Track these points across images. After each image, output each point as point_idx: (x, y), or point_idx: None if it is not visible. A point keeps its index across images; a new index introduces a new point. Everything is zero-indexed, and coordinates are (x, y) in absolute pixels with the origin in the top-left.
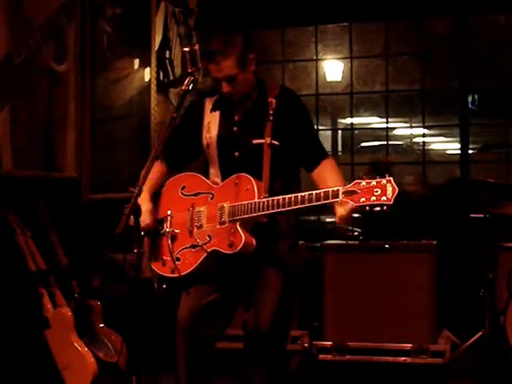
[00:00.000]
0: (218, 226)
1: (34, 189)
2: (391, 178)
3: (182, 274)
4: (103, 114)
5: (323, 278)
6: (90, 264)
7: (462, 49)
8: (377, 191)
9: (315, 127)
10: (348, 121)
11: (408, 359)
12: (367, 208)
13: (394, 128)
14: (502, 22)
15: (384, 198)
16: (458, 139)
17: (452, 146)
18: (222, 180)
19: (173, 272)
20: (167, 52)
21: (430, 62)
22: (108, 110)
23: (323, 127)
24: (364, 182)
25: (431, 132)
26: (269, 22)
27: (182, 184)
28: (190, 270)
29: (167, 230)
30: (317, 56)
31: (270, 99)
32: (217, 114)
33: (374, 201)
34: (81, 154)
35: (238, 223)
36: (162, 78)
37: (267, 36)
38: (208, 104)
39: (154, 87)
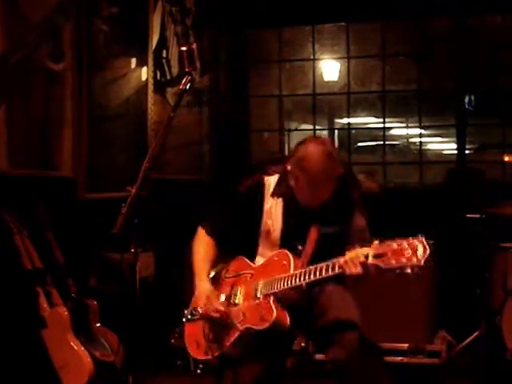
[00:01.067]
0: (252, 303)
1: (31, 188)
2: (423, 238)
3: (215, 355)
4: (100, 113)
5: None
6: (86, 263)
7: (459, 49)
8: (408, 252)
9: (312, 127)
10: (345, 121)
11: (404, 359)
12: (397, 271)
13: (391, 128)
14: (499, 22)
15: (414, 259)
16: (454, 139)
17: (449, 146)
18: None
19: (206, 354)
20: (164, 51)
21: (426, 62)
22: (105, 110)
23: (320, 127)
24: (395, 245)
25: (428, 132)
26: (266, 22)
27: (225, 268)
28: (224, 349)
29: (203, 313)
30: (314, 56)
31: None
32: (279, 200)
33: (403, 262)
34: (78, 153)
35: (271, 298)
36: (158, 77)
37: (264, 35)
38: (267, 185)
39: (150, 86)
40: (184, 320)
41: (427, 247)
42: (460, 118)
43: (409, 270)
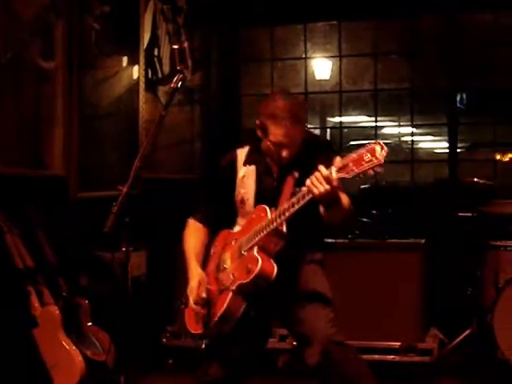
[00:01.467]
0: (238, 261)
1: (22, 187)
2: (379, 141)
3: (213, 322)
4: (91, 111)
5: None
6: (77, 262)
7: (451, 48)
8: (367, 156)
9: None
10: (337, 119)
11: (396, 357)
12: (361, 175)
13: (383, 127)
14: (491, 20)
15: (374, 159)
16: (446, 138)
17: (440, 145)
18: None
19: (206, 325)
20: (156, 50)
21: (418, 60)
22: (96, 108)
23: (312, 126)
24: (354, 155)
25: (420, 131)
26: (258, 20)
27: (212, 244)
28: (220, 313)
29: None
30: (306, 54)
31: (303, 152)
32: (252, 167)
33: (365, 166)
34: (68, 152)
35: (254, 249)
36: (150, 75)
37: (256, 34)
38: (240, 155)
39: (142, 85)
40: (183, 306)
41: (384, 146)
42: (452, 117)
43: (371, 172)
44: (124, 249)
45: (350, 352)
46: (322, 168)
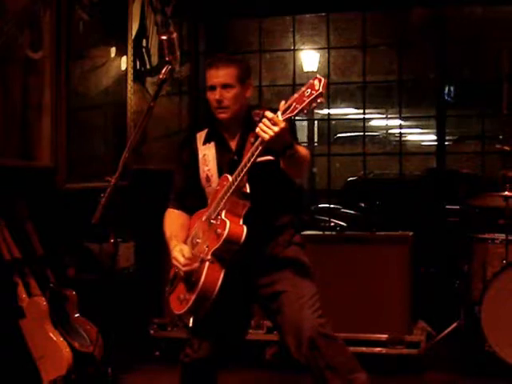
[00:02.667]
0: (208, 231)
1: (9, 178)
2: (317, 75)
3: (194, 295)
4: (79, 102)
5: None
6: (65, 253)
7: (439, 40)
8: (307, 92)
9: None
10: (325, 111)
11: (383, 350)
12: (305, 111)
13: (371, 119)
14: (479, 13)
15: (314, 91)
16: (434, 130)
17: (428, 138)
18: None
19: (187, 302)
20: (144, 40)
21: (406, 53)
22: (84, 99)
23: (299, 118)
24: (296, 94)
25: (408, 123)
26: (246, 12)
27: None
28: (200, 284)
29: (176, 270)
30: (294, 46)
31: (257, 120)
32: (211, 145)
33: (307, 101)
34: (56, 143)
35: (222, 214)
36: (138, 66)
37: (244, 25)
38: (199, 138)
39: (130, 76)
40: (167, 295)
41: (322, 79)
42: (440, 110)
43: (314, 104)
44: (112, 240)
45: (339, 344)
46: (267, 113)
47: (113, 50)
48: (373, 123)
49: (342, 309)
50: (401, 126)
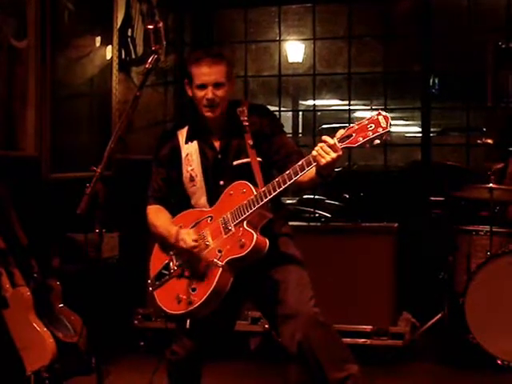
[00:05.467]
0: (224, 237)
1: None
2: (380, 111)
3: (203, 298)
4: (64, 91)
5: None
6: (50, 244)
7: (425, 32)
8: (371, 126)
9: (277, 109)
10: (310, 102)
11: (368, 341)
12: (367, 145)
13: (356, 110)
14: (465, 5)
15: (380, 129)
16: (419, 122)
17: (413, 129)
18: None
19: (190, 304)
20: (129, 30)
21: (392, 44)
22: (69, 88)
23: (285, 108)
24: (356, 126)
25: (393, 115)
26: (232, 2)
27: (178, 226)
28: (210, 289)
29: (174, 268)
30: (280, 37)
31: (243, 119)
32: (194, 143)
33: (371, 136)
34: (41, 133)
35: (244, 223)
36: (123, 56)
37: (230, 15)
38: (181, 135)
39: (115, 65)
40: (151, 289)
41: (387, 115)
42: (425, 101)
43: (378, 141)
44: (97, 230)
45: (333, 334)
46: (327, 138)
47: (98, 40)
48: (358, 114)
49: (327, 300)
50: None
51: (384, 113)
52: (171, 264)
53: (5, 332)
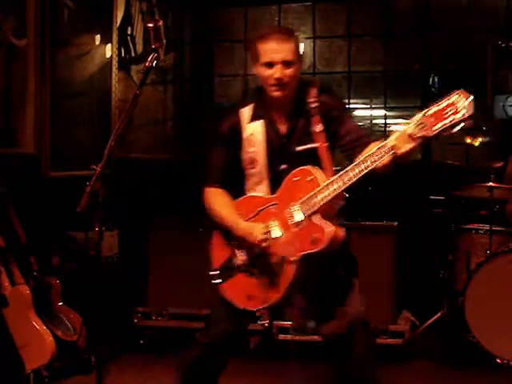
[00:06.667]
0: (295, 230)
1: None
2: (459, 90)
3: (280, 296)
4: (64, 89)
5: None
6: (49, 242)
7: (425, 31)
8: (448, 112)
9: None
10: None
11: None
12: (450, 131)
13: (356, 109)
14: (465, 4)
15: (458, 115)
16: None
17: None
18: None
19: (266, 301)
20: (129, 28)
21: (392, 43)
22: (68, 86)
23: None
24: (430, 111)
25: (392, 113)
26: (232, 0)
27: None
28: (286, 287)
29: (240, 262)
30: None
31: (311, 101)
32: (259, 124)
33: (449, 122)
34: (40, 130)
35: (317, 216)
36: (123, 54)
37: (230, 14)
38: (243, 114)
39: (115, 64)
40: (216, 282)
41: (468, 95)
42: (424, 100)
43: (459, 127)
44: (97, 229)
45: (371, 338)
46: (406, 128)
47: (97, 38)
48: (357, 113)
49: None
50: (386, 117)
51: (465, 92)
52: (236, 258)
53: (4, 330)
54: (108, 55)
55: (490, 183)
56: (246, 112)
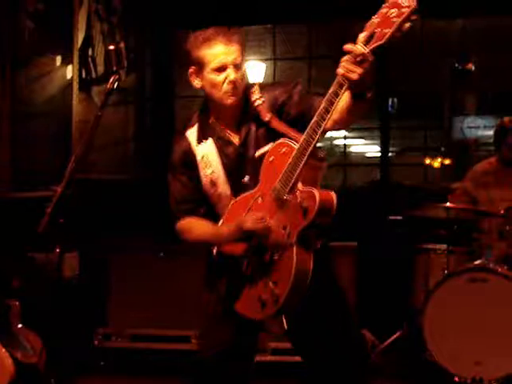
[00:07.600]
0: (283, 210)
1: None
2: None
3: (287, 288)
4: (24, 110)
5: None
6: (9, 263)
7: (384, 52)
8: (392, 12)
9: None
10: None
11: None
12: (398, 34)
13: None
14: (420, 24)
15: (404, 9)
16: (378, 142)
17: (372, 149)
18: None
19: (276, 301)
20: (90, 49)
21: None
22: (29, 107)
23: None
24: (374, 19)
25: (352, 134)
26: (193, 22)
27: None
28: (292, 275)
29: (244, 270)
30: None
31: (255, 101)
32: (209, 142)
33: (397, 22)
34: (0, 151)
35: (299, 185)
36: (84, 75)
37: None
38: (191, 137)
39: (76, 85)
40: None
41: None
42: (384, 121)
43: (407, 25)
44: (58, 250)
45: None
46: (350, 46)
47: (58, 59)
48: None
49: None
50: (345, 137)
51: None
52: (241, 269)
53: None
54: (69, 76)
55: (447, 203)
56: (192, 134)
